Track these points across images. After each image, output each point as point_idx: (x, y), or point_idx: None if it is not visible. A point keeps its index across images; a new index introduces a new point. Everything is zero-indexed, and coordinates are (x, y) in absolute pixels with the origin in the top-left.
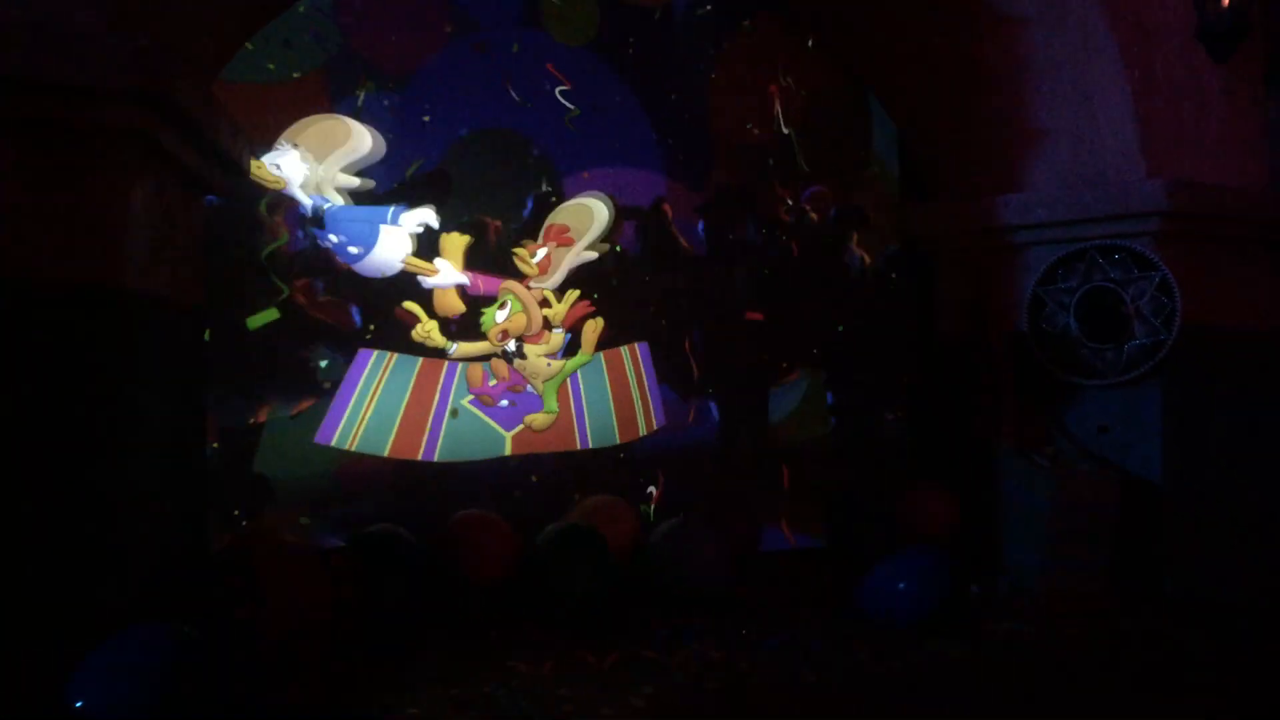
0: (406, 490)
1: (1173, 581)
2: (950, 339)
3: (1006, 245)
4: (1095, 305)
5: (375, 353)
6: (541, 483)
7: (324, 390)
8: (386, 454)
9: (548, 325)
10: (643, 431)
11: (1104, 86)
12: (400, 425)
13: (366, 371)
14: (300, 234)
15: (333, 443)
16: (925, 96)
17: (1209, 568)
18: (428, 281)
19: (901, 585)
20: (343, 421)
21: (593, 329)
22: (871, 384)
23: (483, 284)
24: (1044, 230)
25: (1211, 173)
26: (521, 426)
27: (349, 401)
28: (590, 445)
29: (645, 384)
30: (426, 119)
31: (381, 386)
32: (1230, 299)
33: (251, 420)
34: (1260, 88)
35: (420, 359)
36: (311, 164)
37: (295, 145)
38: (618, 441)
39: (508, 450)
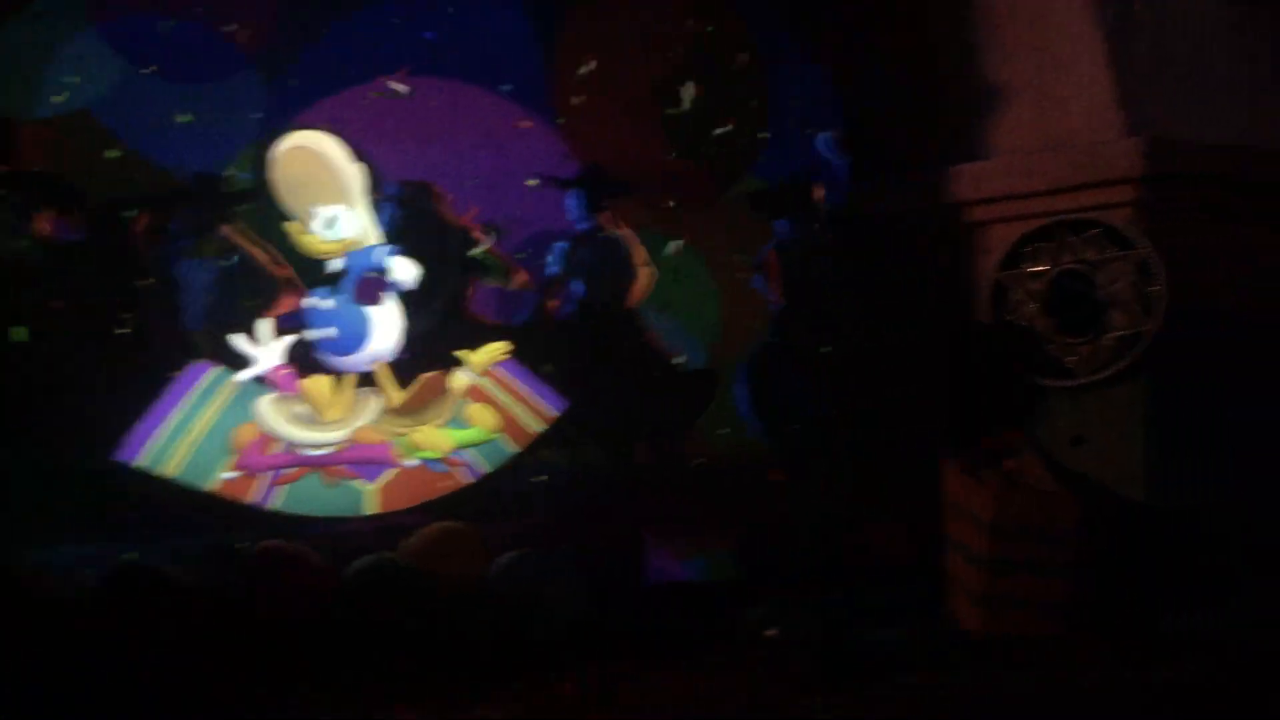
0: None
1: (1156, 617)
2: (899, 334)
3: (963, 223)
4: (1066, 292)
5: (215, 369)
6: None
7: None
8: (210, 489)
9: None
10: (539, 428)
11: (1070, 32)
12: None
13: (201, 388)
14: None
15: (141, 462)
16: (866, 54)
17: (1203, 599)
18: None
19: (802, 625)
20: (160, 439)
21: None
22: (802, 388)
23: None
24: (1005, 204)
25: (1213, 129)
26: (393, 474)
27: (170, 418)
28: (488, 469)
29: (518, 387)
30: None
31: (219, 411)
32: (1229, 280)
33: None
34: None
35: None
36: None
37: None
38: (517, 449)
39: (371, 508)
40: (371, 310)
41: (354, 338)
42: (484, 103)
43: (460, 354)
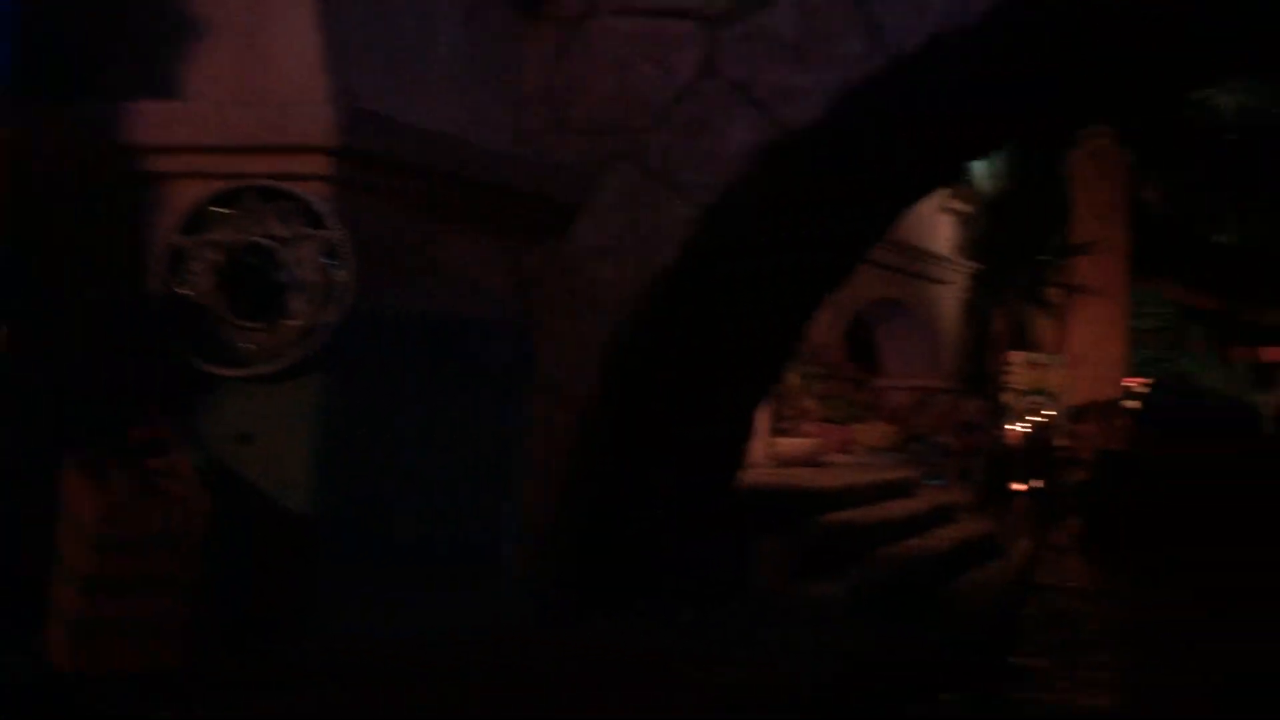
0: None
1: (310, 635)
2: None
3: (146, 173)
4: (248, 269)
5: None
6: None
7: None
8: None
9: None
10: None
11: None
12: None
13: None
14: None
15: None
16: None
17: (359, 612)
18: None
19: None
20: None
21: None
22: None
23: None
24: (193, 156)
25: (429, 116)
26: None
27: None
28: None
29: None
30: None
31: None
32: (419, 275)
33: None
34: (515, 22)
35: None
36: None
37: None
38: None
39: None
40: None
41: None
42: None
43: None
